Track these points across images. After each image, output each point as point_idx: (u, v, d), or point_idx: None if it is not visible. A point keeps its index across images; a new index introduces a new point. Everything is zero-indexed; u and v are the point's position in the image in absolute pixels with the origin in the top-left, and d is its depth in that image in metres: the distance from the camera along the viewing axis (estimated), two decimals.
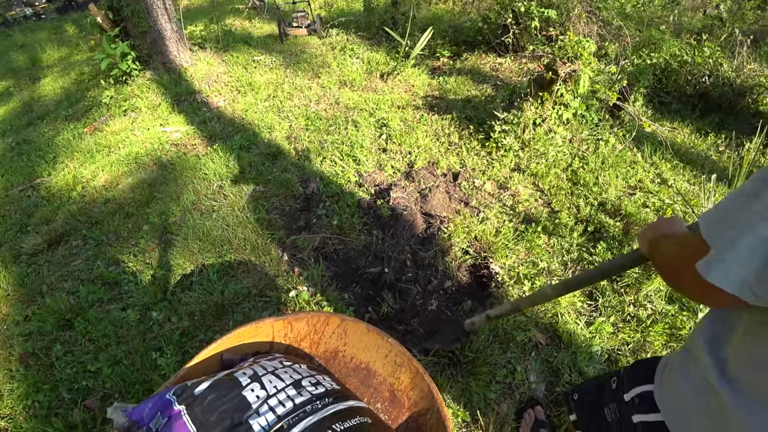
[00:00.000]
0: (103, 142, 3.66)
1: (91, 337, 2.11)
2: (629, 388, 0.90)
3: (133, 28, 4.27)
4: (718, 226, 0.57)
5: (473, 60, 4.61)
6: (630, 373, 0.94)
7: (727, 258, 0.53)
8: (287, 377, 0.93)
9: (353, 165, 3.02)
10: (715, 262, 0.55)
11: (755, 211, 0.52)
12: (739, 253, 0.52)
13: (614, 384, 0.96)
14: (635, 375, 0.91)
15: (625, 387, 0.91)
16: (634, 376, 0.92)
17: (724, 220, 0.57)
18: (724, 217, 0.57)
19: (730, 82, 3.77)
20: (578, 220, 2.52)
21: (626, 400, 0.89)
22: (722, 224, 0.57)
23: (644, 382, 0.86)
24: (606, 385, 0.99)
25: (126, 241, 2.66)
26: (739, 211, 0.54)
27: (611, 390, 0.96)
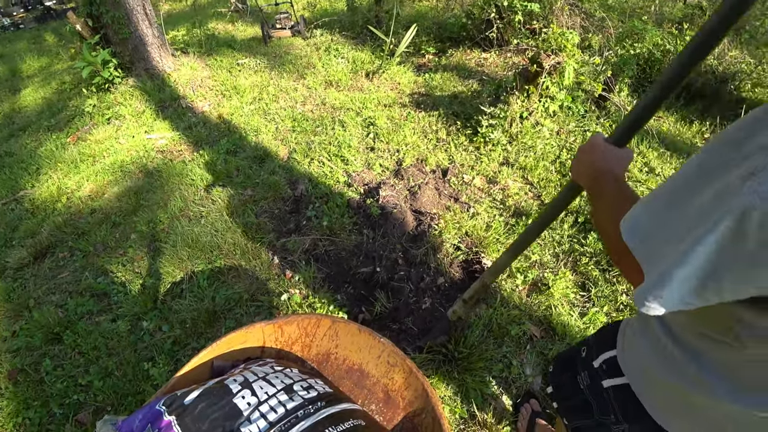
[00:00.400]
0: (87, 151, 3.60)
1: (81, 350, 2.07)
2: (597, 354, 0.91)
3: (113, 34, 4.21)
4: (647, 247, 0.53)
5: (458, 56, 4.61)
6: (597, 340, 0.96)
7: (664, 294, 0.49)
8: (278, 382, 0.91)
9: (341, 165, 3.00)
10: (651, 297, 0.51)
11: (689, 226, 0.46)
12: (673, 287, 0.48)
13: (584, 352, 0.97)
14: (601, 341, 0.92)
15: (593, 354, 0.93)
16: (600, 342, 0.93)
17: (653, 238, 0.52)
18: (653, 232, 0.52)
19: (713, 70, 3.81)
20: (568, 211, 2.53)
21: (595, 367, 0.91)
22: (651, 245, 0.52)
23: (610, 347, 0.87)
24: (576, 354, 1.00)
25: (114, 251, 2.62)
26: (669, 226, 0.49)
27: (581, 358, 0.97)
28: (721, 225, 0.42)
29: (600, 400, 0.89)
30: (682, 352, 0.66)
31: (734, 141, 0.44)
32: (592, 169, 0.84)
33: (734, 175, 0.42)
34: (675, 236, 0.48)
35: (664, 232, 0.50)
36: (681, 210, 0.48)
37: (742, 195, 0.40)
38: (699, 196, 0.46)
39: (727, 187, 0.42)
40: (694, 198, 0.46)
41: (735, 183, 0.41)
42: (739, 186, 0.41)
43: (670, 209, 0.50)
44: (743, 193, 0.40)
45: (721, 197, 0.43)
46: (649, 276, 0.52)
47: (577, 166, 0.91)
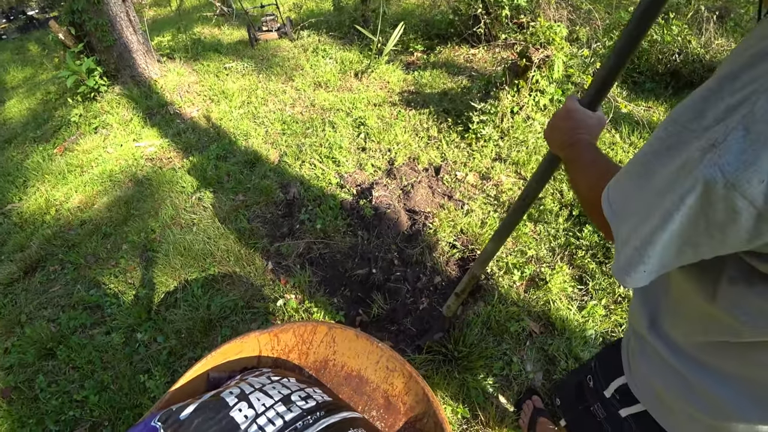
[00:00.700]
0: (74, 162, 3.55)
1: (75, 365, 2.04)
2: (606, 383, 0.86)
3: (97, 42, 4.15)
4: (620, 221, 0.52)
5: (447, 53, 4.59)
6: (602, 367, 0.90)
7: (646, 269, 0.48)
8: (276, 393, 0.89)
9: (333, 166, 2.97)
10: (631, 271, 0.50)
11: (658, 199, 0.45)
12: (654, 258, 0.47)
13: (591, 382, 0.91)
14: (607, 368, 0.88)
15: (602, 383, 0.87)
16: (605, 369, 0.88)
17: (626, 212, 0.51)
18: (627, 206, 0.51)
19: (700, 59, 3.83)
20: (563, 205, 2.52)
21: (607, 397, 0.86)
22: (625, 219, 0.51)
23: (618, 373, 0.83)
24: (583, 383, 0.95)
25: (105, 263, 2.58)
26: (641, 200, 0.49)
27: (590, 389, 0.92)
28: (687, 200, 0.42)
29: (620, 428, 0.83)
30: (687, 366, 0.62)
31: (694, 109, 0.43)
32: (568, 136, 0.82)
33: (695, 147, 0.41)
34: (646, 211, 0.47)
35: (637, 207, 0.50)
36: (650, 183, 0.48)
37: (703, 168, 0.39)
38: (665, 168, 0.45)
39: (689, 160, 0.42)
40: (662, 170, 0.46)
41: (696, 156, 0.41)
42: (700, 159, 0.40)
43: (640, 183, 0.50)
44: (704, 166, 0.39)
45: (685, 170, 0.42)
46: (623, 252, 0.51)
47: (552, 132, 0.88)
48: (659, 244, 0.46)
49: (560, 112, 0.87)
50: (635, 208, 0.50)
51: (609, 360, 0.87)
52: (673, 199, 0.43)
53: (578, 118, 0.83)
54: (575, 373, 1.05)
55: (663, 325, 0.67)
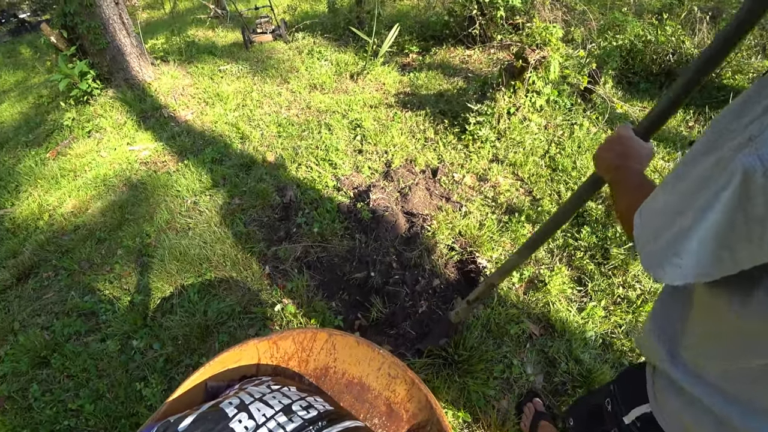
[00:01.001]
0: (67, 166, 3.51)
1: (69, 374, 2.00)
2: (627, 409, 0.84)
3: (90, 45, 4.11)
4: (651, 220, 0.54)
5: (442, 54, 4.59)
6: (621, 392, 0.89)
7: (681, 263, 0.48)
8: (276, 403, 0.87)
9: (330, 169, 2.96)
10: (668, 265, 0.50)
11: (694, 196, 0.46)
12: (689, 255, 0.47)
13: (609, 406, 0.90)
14: (627, 393, 0.86)
15: (621, 409, 0.86)
16: (626, 394, 0.87)
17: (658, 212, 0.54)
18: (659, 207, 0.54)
19: (694, 59, 3.84)
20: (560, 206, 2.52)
21: (627, 423, 0.84)
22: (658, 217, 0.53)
23: (640, 401, 0.81)
24: (600, 406, 0.93)
25: (100, 268, 2.55)
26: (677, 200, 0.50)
27: (608, 413, 0.90)
28: (723, 195, 0.41)
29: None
30: (714, 399, 0.60)
31: (734, 111, 0.44)
32: (617, 160, 0.83)
33: (730, 146, 0.42)
34: (678, 209, 0.48)
35: (668, 208, 0.51)
36: (683, 184, 0.48)
37: (741, 158, 0.39)
38: (699, 167, 0.46)
39: (724, 157, 0.42)
40: (696, 170, 0.47)
41: (731, 152, 0.41)
42: (736, 152, 0.40)
43: (673, 187, 0.51)
44: (742, 156, 0.39)
45: (720, 166, 0.42)
46: (655, 245, 0.52)
47: (602, 154, 0.89)
48: (694, 240, 0.45)
49: (613, 138, 0.87)
50: (666, 209, 0.50)
51: (630, 385, 0.85)
52: (707, 197, 0.43)
53: (630, 146, 0.83)
54: (592, 395, 1.04)
55: (683, 355, 0.65)
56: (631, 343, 1.86)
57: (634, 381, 0.83)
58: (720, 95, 3.58)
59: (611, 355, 1.85)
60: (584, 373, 1.76)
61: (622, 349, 1.86)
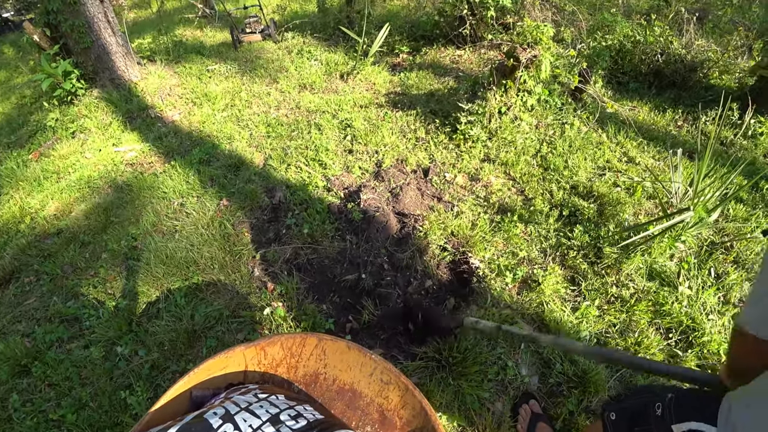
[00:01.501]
0: (50, 168, 3.42)
1: (51, 382, 1.94)
2: (679, 419, 0.87)
3: (74, 44, 4.02)
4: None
5: (433, 54, 4.57)
6: (679, 403, 0.91)
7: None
8: (263, 413, 0.83)
9: (320, 169, 2.91)
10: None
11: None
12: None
13: (659, 410, 0.92)
14: (685, 407, 0.89)
15: (673, 417, 0.89)
16: (684, 407, 0.89)
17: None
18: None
19: (682, 59, 3.87)
20: (552, 205, 2.51)
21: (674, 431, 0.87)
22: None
23: (697, 418, 0.84)
24: (649, 409, 0.96)
25: (84, 272, 2.48)
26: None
27: (656, 416, 0.93)
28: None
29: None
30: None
31: None
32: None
33: None
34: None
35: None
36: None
37: None
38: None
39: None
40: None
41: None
42: None
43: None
44: None
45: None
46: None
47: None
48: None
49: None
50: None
51: (690, 400, 0.89)
52: None
53: None
54: (641, 395, 1.07)
55: None
56: (626, 343, 1.85)
57: (701, 399, 0.88)
58: (708, 95, 3.61)
59: None
60: (579, 374, 1.74)
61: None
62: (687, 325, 1.89)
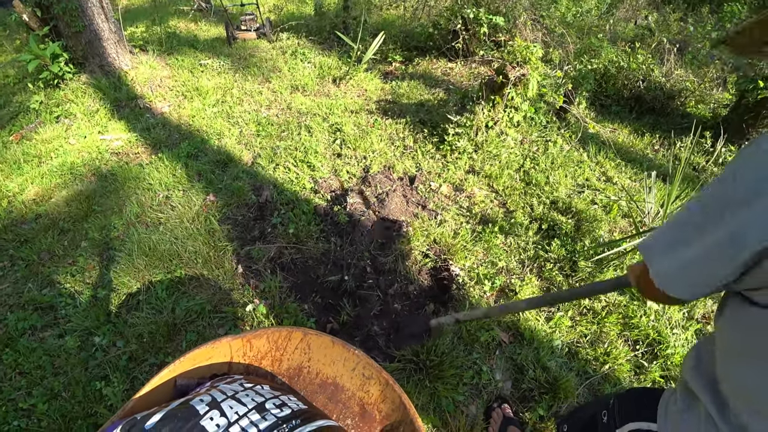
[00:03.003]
0: (32, 151, 3.35)
1: (22, 370, 1.91)
2: (621, 423, 0.88)
3: (65, 27, 3.96)
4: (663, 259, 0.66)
5: (425, 65, 4.66)
6: (621, 407, 0.92)
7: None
8: (249, 401, 0.86)
9: (308, 171, 2.94)
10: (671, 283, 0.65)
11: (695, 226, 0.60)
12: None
13: (605, 417, 0.93)
14: (627, 409, 0.90)
15: (616, 422, 0.90)
16: (625, 410, 0.90)
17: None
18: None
19: (661, 87, 4.05)
20: (532, 218, 2.59)
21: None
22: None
23: (637, 418, 0.85)
24: (596, 417, 0.97)
25: (62, 260, 2.44)
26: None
27: (603, 424, 0.93)
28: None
29: None
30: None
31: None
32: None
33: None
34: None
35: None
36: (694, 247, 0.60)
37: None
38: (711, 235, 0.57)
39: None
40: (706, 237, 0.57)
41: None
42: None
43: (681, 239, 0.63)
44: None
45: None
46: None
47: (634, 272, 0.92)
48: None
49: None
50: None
51: (630, 402, 0.90)
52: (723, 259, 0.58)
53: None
54: (589, 405, 1.08)
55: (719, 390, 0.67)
56: (595, 353, 1.93)
57: (638, 399, 0.89)
58: (684, 122, 3.78)
59: (576, 363, 1.91)
60: (551, 380, 1.81)
61: (587, 358, 1.93)
62: (653, 338, 1.98)
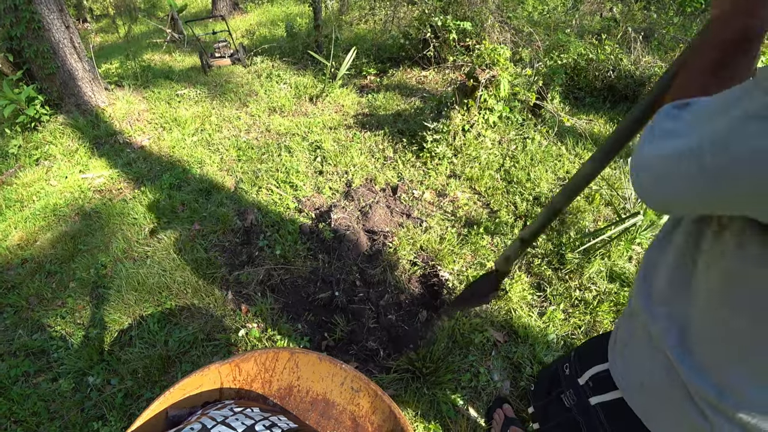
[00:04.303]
0: (13, 196, 3.34)
1: (17, 419, 1.88)
2: (581, 371, 0.89)
3: (38, 70, 3.97)
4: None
5: (399, 75, 4.73)
6: (580, 356, 0.94)
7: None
8: (239, 425, 0.86)
9: (291, 191, 2.96)
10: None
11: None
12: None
13: (567, 369, 0.95)
14: (585, 357, 0.91)
15: (577, 371, 0.91)
16: (584, 358, 0.91)
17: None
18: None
19: (631, 75, 4.14)
20: (517, 216, 2.62)
21: (581, 384, 0.89)
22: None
23: (595, 362, 0.85)
24: (559, 371, 0.99)
25: (50, 303, 2.42)
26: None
27: (566, 376, 0.95)
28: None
29: (588, 419, 0.86)
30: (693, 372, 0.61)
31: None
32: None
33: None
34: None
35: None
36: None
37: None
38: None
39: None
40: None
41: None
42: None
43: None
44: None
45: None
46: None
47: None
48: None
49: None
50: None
51: (588, 350, 0.91)
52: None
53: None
54: (554, 362, 1.09)
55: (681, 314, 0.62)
56: None
57: (592, 346, 0.89)
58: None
59: None
60: None
61: None
62: None
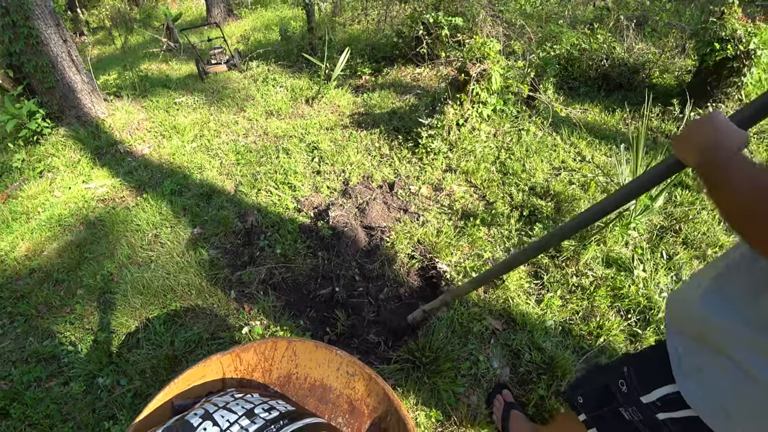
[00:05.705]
0: (19, 209, 3.40)
1: (31, 422, 1.93)
2: (646, 391, 0.85)
3: (38, 84, 4.04)
4: None
5: (393, 73, 4.77)
6: (641, 375, 0.89)
7: None
8: (239, 409, 0.91)
9: (289, 192, 3.00)
10: None
11: None
12: None
13: (624, 387, 0.90)
14: (647, 377, 0.87)
15: (640, 390, 0.87)
16: (645, 378, 0.87)
17: None
18: None
19: (625, 62, 4.16)
20: (513, 207, 2.66)
21: (646, 403, 0.85)
22: None
23: (663, 382, 0.82)
24: (613, 387, 0.94)
25: (59, 310, 2.48)
26: None
27: (623, 394, 0.91)
28: None
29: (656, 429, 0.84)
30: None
31: None
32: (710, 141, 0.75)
33: None
34: None
35: None
36: None
37: None
38: None
39: None
40: None
41: None
42: None
43: None
44: None
45: None
46: None
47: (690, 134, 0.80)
48: None
49: (702, 120, 0.79)
50: None
51: (649, 367, 0.88)
52: None
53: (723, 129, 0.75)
54: (601, 374, 1.05)
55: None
56: (589, 327, 1.98)
57: (650, 364, 0.87)
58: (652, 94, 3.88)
59: (571, 340, 1.95)
60: (547, 361, 1.85)
61: (581, 334, 1.97)
62: (644, 305, 2.04)
